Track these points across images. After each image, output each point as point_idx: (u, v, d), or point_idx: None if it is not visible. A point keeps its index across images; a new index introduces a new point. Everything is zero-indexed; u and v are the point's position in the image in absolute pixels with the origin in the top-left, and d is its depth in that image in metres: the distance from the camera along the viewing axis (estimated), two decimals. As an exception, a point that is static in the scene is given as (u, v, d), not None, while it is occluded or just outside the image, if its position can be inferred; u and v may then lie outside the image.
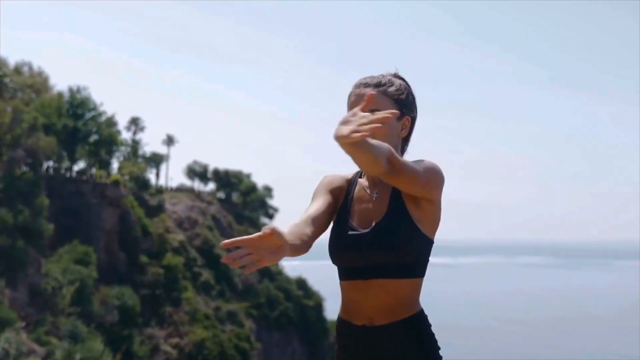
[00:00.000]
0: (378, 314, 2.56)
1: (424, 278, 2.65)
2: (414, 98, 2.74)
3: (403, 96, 2.68)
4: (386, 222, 2.56)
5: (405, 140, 2.74)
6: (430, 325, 2.64)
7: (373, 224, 2.59)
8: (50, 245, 46.34)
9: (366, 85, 2.66)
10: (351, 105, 2.66)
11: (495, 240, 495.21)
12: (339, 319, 2.68)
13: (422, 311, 2.62)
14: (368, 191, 2.67)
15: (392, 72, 2.77)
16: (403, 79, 2.75)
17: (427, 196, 2.55)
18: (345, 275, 2.63)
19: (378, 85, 2.66)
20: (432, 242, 2.62)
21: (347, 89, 2.77)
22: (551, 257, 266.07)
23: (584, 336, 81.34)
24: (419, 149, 2.76)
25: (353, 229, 2.61)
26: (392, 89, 2.66)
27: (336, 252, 2.62)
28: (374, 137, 2.47)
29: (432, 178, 2.52)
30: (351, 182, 2.74)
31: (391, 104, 2.64)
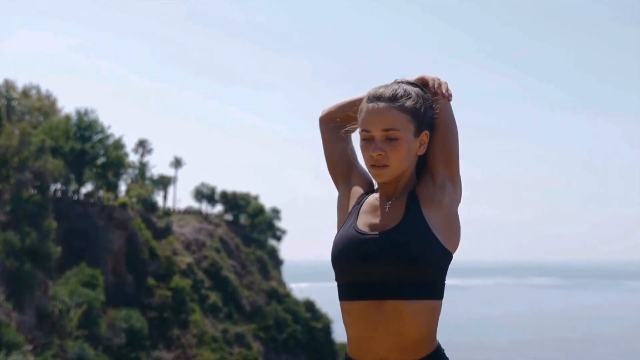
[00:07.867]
0: (390, 351, 2.26)
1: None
2: (431, 108, 2.40)
3: (422, 109, 2.35)
4: (401, 227, 2.28)
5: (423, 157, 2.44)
6: None
7: (385, 230, 2.31)
8: (58, 268, 46.34)
9: (379, 98, 2.33)
10: (362, 122, 2.34)
11: (504, 262, 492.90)
12: (347, 359, 2.36)
13: (440, 346, 2.33)
14: (380, 202, 2.39)
15: (407, 78, 2.46)
16: (419, 86, 2.43)
17: (446, 157, 2.38)
18: (349, 293, 2.32)
19: (393, 99, 2.32)
20: (451, 256, 2.32)
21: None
22: (560, 278, 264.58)
23: (594, 357, 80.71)
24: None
25: (362, 233, 2.32)
26: (409, 102, 2.33)
27: (341, 253, 2.33)
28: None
29: (456, 141, 2.42)
30: (369, 191, 2.48)
31: (408, 120, 2.32)
